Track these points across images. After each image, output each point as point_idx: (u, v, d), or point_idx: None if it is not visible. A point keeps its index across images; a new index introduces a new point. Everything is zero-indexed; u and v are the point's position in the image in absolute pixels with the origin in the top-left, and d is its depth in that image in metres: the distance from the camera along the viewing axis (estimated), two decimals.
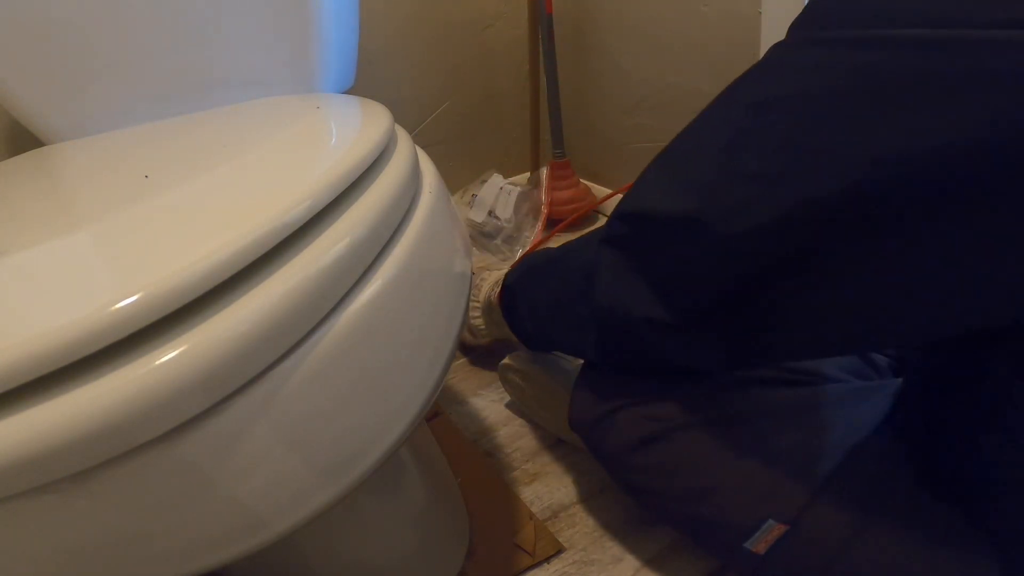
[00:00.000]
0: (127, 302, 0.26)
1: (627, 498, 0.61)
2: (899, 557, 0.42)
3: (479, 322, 0.71)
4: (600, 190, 1.24)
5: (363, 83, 0.92)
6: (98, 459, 0.26)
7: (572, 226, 1.21)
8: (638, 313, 0.44)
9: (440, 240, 0.44)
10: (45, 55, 0.62)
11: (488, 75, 1.19)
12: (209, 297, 0.29)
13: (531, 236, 1.12)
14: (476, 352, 0.87)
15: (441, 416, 0.78)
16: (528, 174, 1.30)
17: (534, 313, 0.59)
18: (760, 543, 0.45)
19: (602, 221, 1.23)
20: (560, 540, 0.61)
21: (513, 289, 0.63)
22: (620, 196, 0.48)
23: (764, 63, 0.38)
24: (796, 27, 0.37)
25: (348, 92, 0.78)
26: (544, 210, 1.13)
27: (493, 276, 0.72)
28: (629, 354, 0.49)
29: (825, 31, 0.34)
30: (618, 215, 0.46)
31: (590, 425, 0.55)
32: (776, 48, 0.38)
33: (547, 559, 0.60)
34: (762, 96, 0.37)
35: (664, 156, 0.44)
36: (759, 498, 0.46)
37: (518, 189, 1.14)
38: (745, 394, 0.50)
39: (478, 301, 0.71)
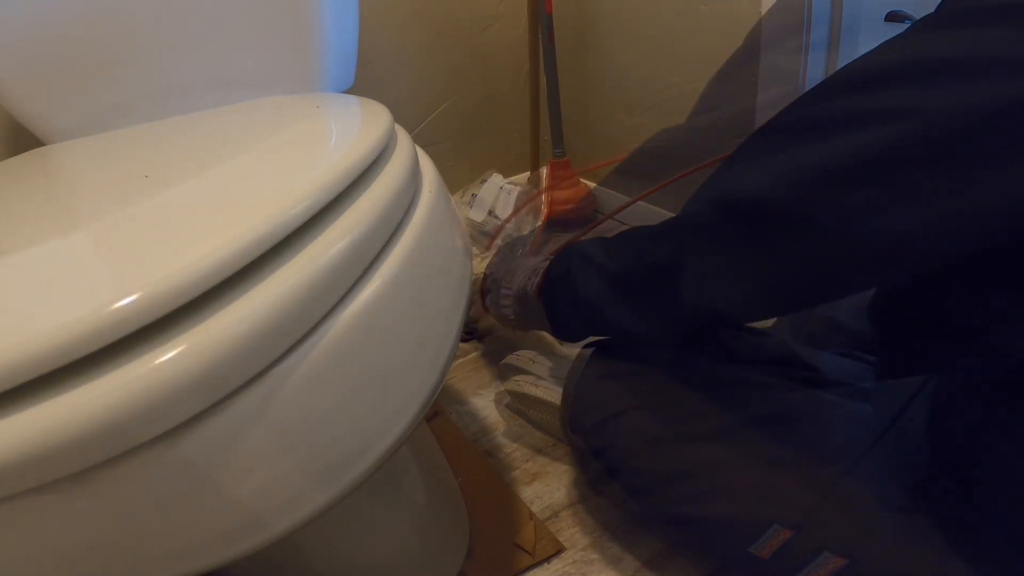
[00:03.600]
0: (126, 302, 0.26)
1: (628, 499, 0.61)
2: (905, 562, 0.42)
3: (509, 311, 0.67)
4: (600, 190, 1.24)
5: (363, 83, 0.92)
6: (98, 459, 0.26)
7: (571, 226, 1.21)
8: (738, 313, 0.38)
9: (440, 240, 0.44)
10: (45, 55, 0.62)
11: (488, 75, 1.19)
12: (208, 297, 0.29)
13: (531, 236, 1.12)
14: (487, 342, 0.87)
15: (441, 416, 0.78)
16: (528, 174, 1.30)
17: (580, 305, 0.54)
18: (765, 548, 0.45)
19: (599, 220, 1.23)
20: (560, 540, 0.61)
21: (556, 281, 0.57)
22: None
23: (909, 33, 0.32)
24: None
25: (348, 92, 0.77)
26: (544, 210, 1.13)
27: (528, 264, 0.67)
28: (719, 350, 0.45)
29: None
30: (709, 200, 0.40)
31: (592, 428, 0.54)
32: (928, 18, 0.31)
33: (547, 559, 0.60)
34: (920, 56, 0.30)
35: (770, 131, 0.38)
36: (762, 503, 0.46)
37: (518, 189, 1.14)
38: (747, 399, 0.50)
39: (510, 289, 0.68)
